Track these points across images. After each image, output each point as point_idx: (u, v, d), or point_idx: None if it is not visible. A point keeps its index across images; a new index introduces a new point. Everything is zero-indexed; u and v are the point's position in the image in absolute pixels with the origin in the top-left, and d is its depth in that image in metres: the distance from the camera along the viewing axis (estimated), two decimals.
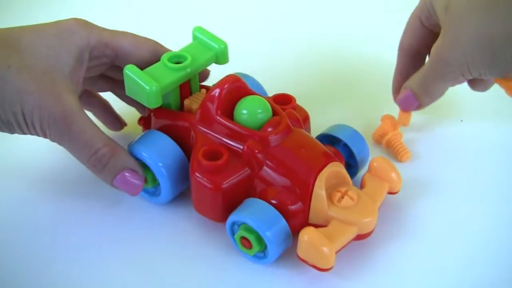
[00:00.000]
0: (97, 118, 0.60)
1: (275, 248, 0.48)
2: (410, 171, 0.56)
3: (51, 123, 0.49)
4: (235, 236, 0.49)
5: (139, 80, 0.51)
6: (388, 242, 0.51)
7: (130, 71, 0.52)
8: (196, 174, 0.49)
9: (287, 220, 0.48)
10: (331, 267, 0.47)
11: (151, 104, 0.51)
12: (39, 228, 0.53)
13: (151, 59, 0.54)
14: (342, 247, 0.48)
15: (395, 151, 0.58)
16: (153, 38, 0.56)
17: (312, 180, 0.48)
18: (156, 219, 0.54)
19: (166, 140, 0.52)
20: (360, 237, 0.49)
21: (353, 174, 0.55)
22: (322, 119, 0.58)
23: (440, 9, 0.53)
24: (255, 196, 0.50)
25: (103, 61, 0.54)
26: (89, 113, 0.56)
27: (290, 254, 0.49)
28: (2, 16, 0.79)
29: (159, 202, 0.54)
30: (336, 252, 0.47)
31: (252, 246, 0.48)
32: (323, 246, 0.46)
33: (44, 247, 0.52)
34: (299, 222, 0.49)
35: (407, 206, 0.54)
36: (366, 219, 0.48)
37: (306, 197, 0.49)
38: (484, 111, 0.63)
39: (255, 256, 0.49)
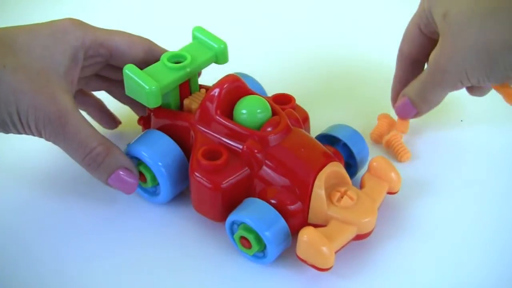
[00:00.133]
0: (91, 117, 0.60)
1: (274, 248, 0.48)
2: (410, 171, 0.56)
3: (46, 123, 0.49)
4: (234, 235, 0.49)
5: (139, 80, 0.51)
6: (388, 242, 0.51)
7: (130, 71, 0.52)
8: (196, 173, 0.49)
9: (286, 220, 0.48)
10: (331, 267, 0.47)
11: (151, 104, 0.51)
12: (37, 227, 0.53)
13: (146, 58, 0.54)
14: (342, 247, 0.48)
15: (395, 151, 0.58)
16: (153, 38, 0.56)
17: (312, 180, 0.48)
18: (156, 219, 0.54)
19: (166, 139, 0.52)
20: (359, 237, 0.49)
21: (352, 174, 0.54)
22: (321, 119, 0.58)
23: (438, 17, 0.53)
24: (255, 196, 0.50)
25: (98, 60, 0.54)
26: (83, 112, 0.56)
27: (290, 254, 0.49)
28: None
29: (159, 201, 0.54)
30: (335, 252, 0.47)
31: (251, 246, 0.48)
32: (323, 246, 0.46)
33: (43, 247, 0.51)
34: (298, 222, 0.49)
35: (406, 206, 0.54)
36: (366, 219, 0.48)
37: (306, 197, 0.48)
38: (484, 112, 0.63)
39: (254, 256, 0.49)
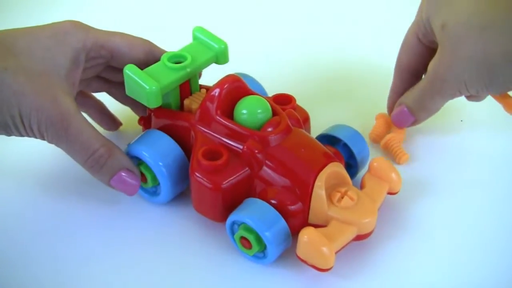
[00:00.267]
0: (92, 119, 0.60)
1: (274, 248, 0.48)
2: (410, 171, 0.56)
3: (48, 126, 0.49)
4: (234, 236, 0.49)
5: (139, 80, 0.51)
6: (388, 242, 0.51)
7: (130, 71, 0.52)
8: (196, 174, 0.49)
9: (286, 220, 0.48)
10: (331, 267, 0.47)
11: (151, 104, 0.51)
12: (38, 228, 0.53)
13: (146, 60, 0.54)
14: (342, 248, 0.48)
15: (393, 154, 0.58)
16: (153, 38, 0.56)
17: (312, 180, 0.48)
18: (156, 218, 0.54)
19: (167, 139, 0.52)
20: (359, 237, 0.49)
21: (353, 174, 0.54)
22: (322, 119, 0.57)
23: (437, 27, 0.53)
24: (255, 196, 0.50)
25: (99, 62, 0.54)
26: (84, 114, 0.56)
27: (290, 254, 0.49)
28: None
29: (159, 201, 0.54)
30: (335, 252, 0.47)
31: (251, 246, 0.48)
32: (323, 246, 0.46)
33: (44, 247, 0.52)
34: (298, 222, 0.49)
35: (407, 207, 0.54)
36: (366, 220, 0.48)
37: (306, 197, 0.48)
38: (483, 113, 0.63)
39: (254, 256, 0.49)
